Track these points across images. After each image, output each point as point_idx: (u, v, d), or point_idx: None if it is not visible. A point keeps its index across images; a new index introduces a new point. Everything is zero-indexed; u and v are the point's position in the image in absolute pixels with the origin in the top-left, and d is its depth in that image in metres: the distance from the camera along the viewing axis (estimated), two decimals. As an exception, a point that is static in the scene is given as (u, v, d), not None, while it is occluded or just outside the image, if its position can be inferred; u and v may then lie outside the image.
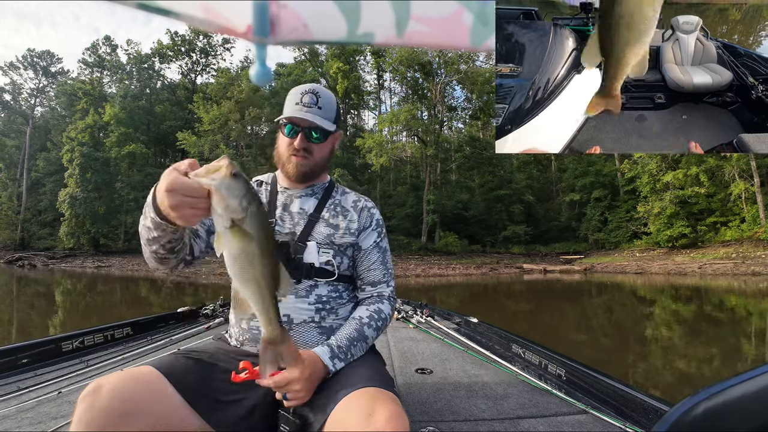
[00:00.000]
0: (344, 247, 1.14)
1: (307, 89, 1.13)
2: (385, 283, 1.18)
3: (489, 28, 0.62)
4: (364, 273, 1.17)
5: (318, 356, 0.93)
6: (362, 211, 1.20)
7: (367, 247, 1.17)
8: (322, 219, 1.15)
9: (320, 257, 1.10)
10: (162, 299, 12.97)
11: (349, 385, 0.87)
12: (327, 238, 1.12)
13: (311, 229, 1.13)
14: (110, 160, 32.69)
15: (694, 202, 22.71)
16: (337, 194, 1.23)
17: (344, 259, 1.15)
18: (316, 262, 1.09)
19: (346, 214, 1.18)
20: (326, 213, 1.16)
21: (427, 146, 30.15)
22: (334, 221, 1.16)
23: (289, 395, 0.87)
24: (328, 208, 1.17)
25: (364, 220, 1.19)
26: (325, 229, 1.13)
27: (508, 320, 8.50)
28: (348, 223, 1.16)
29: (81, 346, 2.13)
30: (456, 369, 1.98)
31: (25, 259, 29.46)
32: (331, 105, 1.14)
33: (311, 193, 1.20)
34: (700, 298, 12.02)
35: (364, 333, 1.04)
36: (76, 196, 30.78)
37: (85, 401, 0.79)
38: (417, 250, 28.17)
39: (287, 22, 0.60)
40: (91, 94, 35.72)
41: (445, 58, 29.54)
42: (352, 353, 1.00)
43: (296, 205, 1.17)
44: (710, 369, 4.97)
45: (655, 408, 1.29)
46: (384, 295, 1.16)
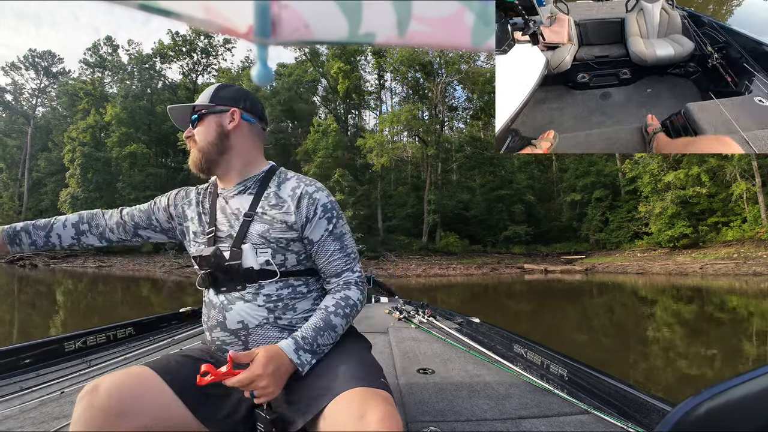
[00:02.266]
0: (283, 242, 1.04)
1: None
2: (348, 270, 1.09)
3: (490, 28, 0.62)
4: (324, 266, 1.08)
5: (281, 350, 0.91)
6: (302, 199, 1.06)
7: (318, 238, 1.06)
8: (257, 216, 1.06)
9: (258, 258, 1.03)
10: (163, 299, 12.98)
11: (341, 384, 0.85)
12: (261, 236, 1.04)
13: (245, 230, 1.05)
14: (111, 160, 32.75)
15: (695, 202, 22.67)
16: (274, 184, 1.12)
17: (288, 255, 1.05)
18: (254, 264, 1.02)
19: (282, 205, 1.07)
20: (260, 209, 1.07)
21: (428, 146, 30.14)
22: (269, 215, 1.06)
23: (256, 392, 0.86)
24: (262, 203, 1.08)
25: (306, 209, 1.06)
26: (260, 226, 1.05)
27: (509, 320, 8.49)
28: (284, 215, 1.05)
29: (83, 346, 2.13)
30: (458, 369, 1.97)
31: (27, 259, 29.51)
32: (209, 90, 1.13)
33: (244, 189, 1.11)
34: (702, 299, 12.00)
35: (330, 322, 0.99)
36: (78, 196, 30.82)
37: (84, 401, 0.80)
38: (418, 250, 28.17)
39: (288, 22, 0.60)
40: (92, 94, 35.79)
41: (446, 58, 29.53)
42: (319, 343, 0.96)
43: (232, 206, 1.10)
44: (712, 369, 4.96)
45: (657, 408, 1.28)
46: (350, 281, 1.08)
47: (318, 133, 28.98)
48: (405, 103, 33.08)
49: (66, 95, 39.58)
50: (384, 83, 37.18)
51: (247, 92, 1.16)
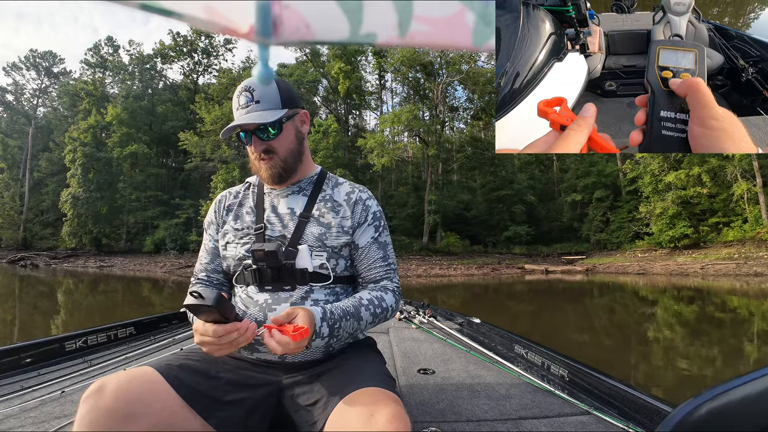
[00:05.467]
0: (338, 248, 1.06)
1: (240, 89, 1.04)
2: (387, 279, 1.10)
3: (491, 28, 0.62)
4: (365, 272, 1.09)
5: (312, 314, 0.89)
6: (356, 205, 1.09)
7: (364, 244, 1.08)
8: (313, 218, 1.06)
9: (313, 261, 1.02)
10: (164, 299, 12.99)
11: (350, 384, 0.86)
12: (318, 239, 1.04)
13: (302, 230, 1.04)
14: (112, 161, 32.80)
15: (696, 203, 22.64)
16: (328, 187, 1.13)
17: (340, 261, 1.07)
18: (309, 266, 1.01)
19: (339, 210, 1.08)
20: (316, 211, 1.07)
21: (428, 146, 30.13)
22: (326, 219, 1.06)
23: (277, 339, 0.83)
24: (318, 205, 1.08)
25: (359, 215, 1.08)
26: (316, 229, 1.05)
27: (509, 321, 8.49)
28: (341, 220, 1.07)
29: (84, 345, 2.13)
30: (458, 369, 1.97)
31: (28, 259, 29.56)
32: (271, 93, 1.04)
33: (298, 190, 1.11)
34: (703, 299, 11.98)
35: (359, 313, 0.98)
36: (79, 196, 30.88)
37: (88, 401, 0.79)
38: (418, 250, 28.16)
39: (290, 22, 0.60)
40: (93, 94, 35.85)
41: (447, 59, 29.52)
42: (341, 325, 0.94)
43: (284, 206, 1.09)
44: (713, 370, 4.96)
45: (658, 409, 1.28)
46: (388, 288, 1.08)
47: (319, 134, 29.01)
48: (406, 103, 33.07)
49: (67, 95, 39.67)
50: (385, 83, 37.22)
51: (292, 86, 1.12)
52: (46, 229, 37.37)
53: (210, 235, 1.17)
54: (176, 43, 38.41)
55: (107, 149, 32.88)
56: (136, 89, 38.05)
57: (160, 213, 32.14)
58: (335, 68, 31.42)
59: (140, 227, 33.54)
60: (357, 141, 31.11)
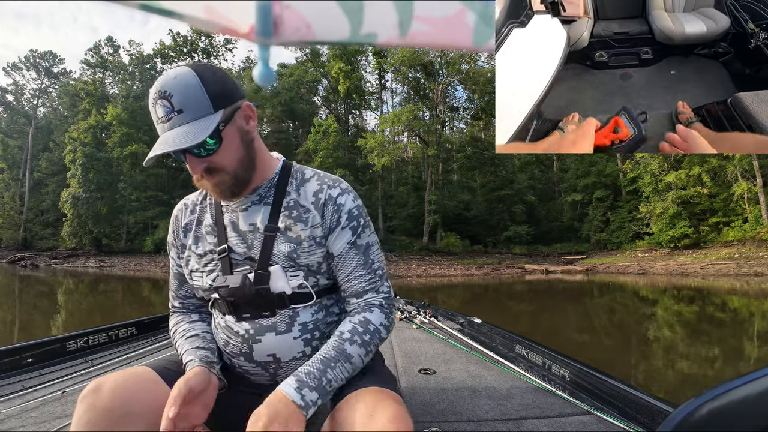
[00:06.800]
0: (314, 265, 0.90)
1: (155, 96, 0.80)
2: (372, 289, 0.92)
3: (491, 28, 0.62)
4: (344, 283, 0.93)
5: (281, 392, 0.76)
6: (326, 206, 0.90)
7: (339, 251, 0.91)
8: (280, 232, 0.89)
9: (290, 282, 0.88)
10: (164, 299, 12.97)
11: (351, 384, 0.85)
12: (289, 258, 0.88)
13: (270, 249, 0.88)
14: (112, 161, 32.78)
15: (696, 203, 22.65)
16: (293, 188, 0.93)
17: (320, 277, 0.92)
18: (287, 289, 0.88)
19: (307, 217, 0.90)
20: (282, 223, 0.90)
21: (428, 146, 30.14)
22: (294, 232, 0.89)
23: None
24: (283, 215, 0.90)
25: (330, 218, 0.90)
26: (285, 247, 0.88)
27: (510, 321, 8.48)
28: (311, 230, 0.89)
29: (85, 345, 2.13)
30: (459, 369, 1.97)
31: (28, 259, 29.57)
32: (195, 94, 0.79)
33: (258, 199, 0.92)
34: (703, 299, 11.98)
35: (345, 351, 0.83)
36: (79, 196, 30.88)
37: (86, 401, 0.78)
38: (418, 250, 28.16)
39: (290, 22, 0.60)
40: (93, 94, 35.83)
41: (447, 59, 29.53)
42: (329, 378, 0.79)
43: (244, 221, 0.92)
44: (713, 370, 4.96)
45: (659, 409, 1.28)
46: (373, 303, 0.92)
47: (319, 134, 29.01)
48: (406, 103, 33.07)
49: (67, 95, 39.65)
50: (385, 83, 37.19)
51: (224, 72, 0.88)
52: (47, 229, 37.37)
53: (173, 258, 1.03)
54: (176, 43, 38.38)
55: (107, 149, 32.86)
56: (136, 89, 38.01)
57: (160, 213, 32.10)
58: (335, 68, 31.42)
59: (140, 227, 33.51)
60: (357, 141, 31.12)
